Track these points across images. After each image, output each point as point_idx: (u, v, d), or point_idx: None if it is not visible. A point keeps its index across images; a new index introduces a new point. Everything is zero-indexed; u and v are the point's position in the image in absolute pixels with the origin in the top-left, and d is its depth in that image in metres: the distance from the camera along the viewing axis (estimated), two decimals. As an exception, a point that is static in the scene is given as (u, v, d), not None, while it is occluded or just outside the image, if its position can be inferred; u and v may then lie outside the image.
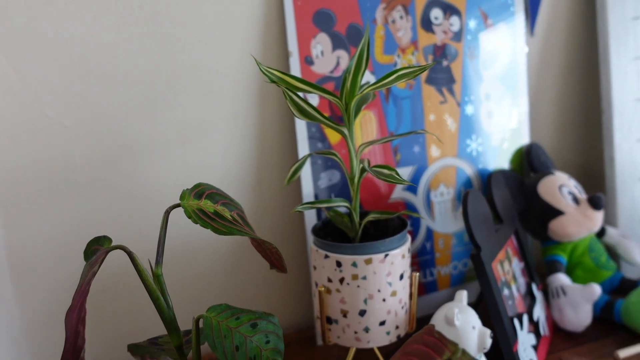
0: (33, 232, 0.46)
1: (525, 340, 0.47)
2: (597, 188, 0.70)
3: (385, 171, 0.39)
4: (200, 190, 0.33)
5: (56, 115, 0.45)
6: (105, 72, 0.47)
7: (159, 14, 0.48)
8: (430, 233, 0.60)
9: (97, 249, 0.30)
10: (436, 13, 0.59)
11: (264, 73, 0.38)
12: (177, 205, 0.31)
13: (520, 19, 0.64)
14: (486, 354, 0.44)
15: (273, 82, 0.38)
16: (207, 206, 0.31)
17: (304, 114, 0.39)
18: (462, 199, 0.48)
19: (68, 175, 0.46)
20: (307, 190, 0.54)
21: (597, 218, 0.58)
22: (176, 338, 0.31)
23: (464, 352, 0.25)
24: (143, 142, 0.48)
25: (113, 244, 0.32)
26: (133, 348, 0.34)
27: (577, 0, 0.68)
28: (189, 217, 0.30)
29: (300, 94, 0.42)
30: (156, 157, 0.49)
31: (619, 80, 0.66)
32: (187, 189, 0.32)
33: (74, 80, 0.45)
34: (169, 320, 0.30)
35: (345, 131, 0.41)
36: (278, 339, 0.30)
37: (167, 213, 0.32)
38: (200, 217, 0.30)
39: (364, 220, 0.45)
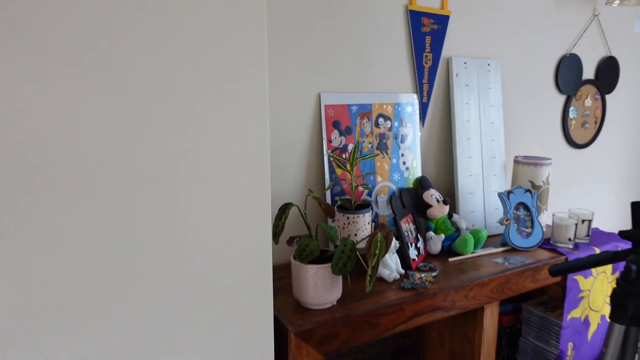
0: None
1: (412, 253, 1.25)
2: (452, 196, 1.50)
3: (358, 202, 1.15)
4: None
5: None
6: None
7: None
8: (376, 215, 1.37)
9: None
10: (380, 120, 1.37)
11: (331, 156, 1.13)
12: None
13: (417, 120, 1.43)
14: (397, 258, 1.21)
15: (332, 157, 1.13)
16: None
17: (339, 167, 1.15)
18: (389, 199, 1.25)
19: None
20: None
21: (446, 209, 1.37)
22: None
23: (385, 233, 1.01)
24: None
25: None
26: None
27: (443, 110, 1.49)
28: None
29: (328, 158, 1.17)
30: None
31: (461, 146, 1.47)
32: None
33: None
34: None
35: (350, 175, 1.17)
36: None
37: None
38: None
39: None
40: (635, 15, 1.93)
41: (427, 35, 1.41)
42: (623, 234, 0.97)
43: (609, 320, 0.94)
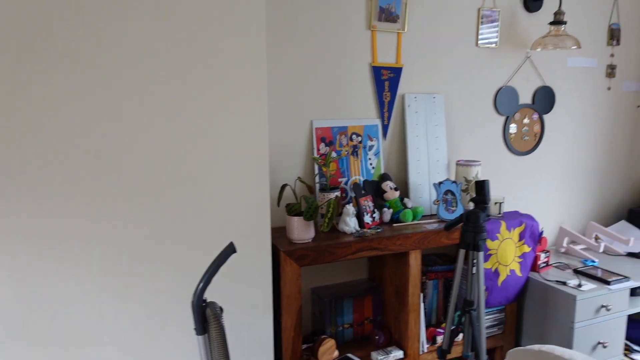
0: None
1: (367, 219, 1.98)
2: (406, 186, 2.22)
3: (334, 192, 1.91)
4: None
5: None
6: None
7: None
8: (350, 198, 2.12)
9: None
10: (354, 136, 2.13)
11: (313, 158, 1.90)
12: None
13: (380, 135, 2.17)
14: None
15: (315, 157, 1.90)
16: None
17: (317, 163, 1.92)
18: (352, 186, 2.00)
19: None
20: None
21: (396, 194, 2.09)
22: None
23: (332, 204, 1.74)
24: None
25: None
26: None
27: (399, 129, 2.22)
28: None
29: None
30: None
31: (412, 153, 2.19)
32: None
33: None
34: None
35: (326, 169, 1.93)
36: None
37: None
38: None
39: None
40: (568, 54, 2.55)
41: (386, 81, 2.16)
42: (471, 199, 1.67)
43: (460, 249, 1.64)
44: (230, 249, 1.30)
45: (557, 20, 2.26)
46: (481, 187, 1.59)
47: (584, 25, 2.57)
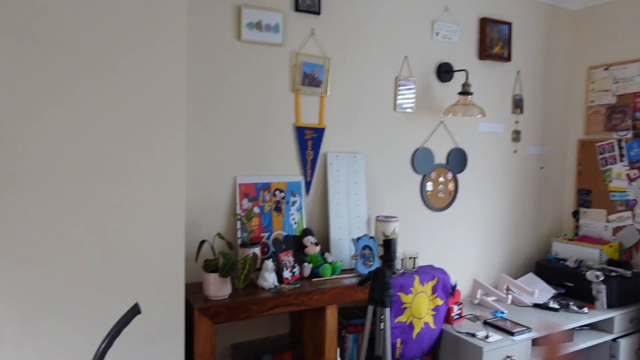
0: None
1: (287, 274, 2.03)
2: (327, 241, 2.30)
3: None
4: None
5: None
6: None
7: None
8: (273, 252, 2.16)
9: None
10: (277, 192, 2.20)
11: (234, 214, 1.94)
12: None
13: (303, 192, 2.26)
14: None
15: (236, 213, 1.94)
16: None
17: (238, 219, 1.96)
18: (272, 242, 2.05)
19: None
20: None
21: (317, 249, 2.16)
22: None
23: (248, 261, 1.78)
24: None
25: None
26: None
27: (322, 185, 2.32)
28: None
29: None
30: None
31: (333, 209, 2.29)
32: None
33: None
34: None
35: (247, 224, 1.98)
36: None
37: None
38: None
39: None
40: (478, 120, 2.81)
41: (309, 140, 2.28)
42: (379, 257, 1.76)
43: (369, 305, 1.71)
44: (134, 310, 1.30)
45: (465, 91, 2.50)
46: (388, 245, 1.70)
47: (493, 94, 2.86)
